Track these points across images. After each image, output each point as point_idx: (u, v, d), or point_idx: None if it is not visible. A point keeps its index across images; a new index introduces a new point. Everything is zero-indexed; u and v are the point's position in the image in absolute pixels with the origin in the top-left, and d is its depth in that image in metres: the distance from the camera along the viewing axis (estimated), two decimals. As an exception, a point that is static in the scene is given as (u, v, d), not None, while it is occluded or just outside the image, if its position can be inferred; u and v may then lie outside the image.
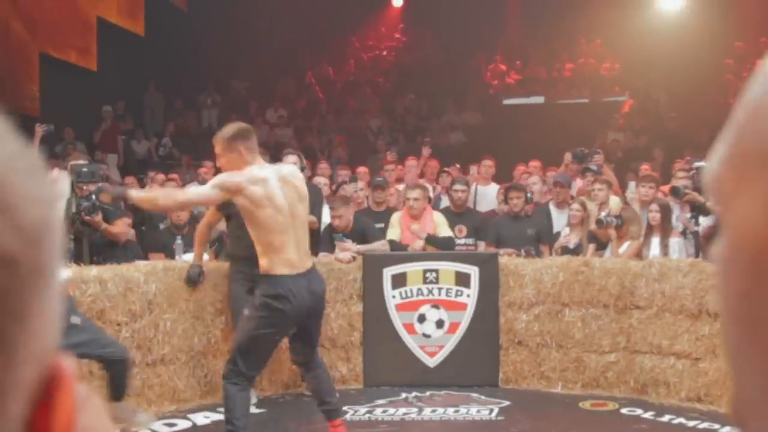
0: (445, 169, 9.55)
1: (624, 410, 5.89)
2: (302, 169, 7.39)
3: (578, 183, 8.42)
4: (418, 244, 6.94)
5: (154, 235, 7.77)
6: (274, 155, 11.61)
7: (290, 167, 4.89)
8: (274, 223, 4.33)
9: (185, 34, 14.03)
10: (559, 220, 7.72)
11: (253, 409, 6.02)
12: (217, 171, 9.30)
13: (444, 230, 7.08)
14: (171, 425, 5.61)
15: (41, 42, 11.61)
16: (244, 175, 4.33)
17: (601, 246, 6.95)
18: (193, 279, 6.06)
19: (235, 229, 5.80)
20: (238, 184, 4.31)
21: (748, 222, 0.42)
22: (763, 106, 0.42)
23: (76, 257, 6.44)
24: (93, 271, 5.67)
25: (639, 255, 6.53)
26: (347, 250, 6.78)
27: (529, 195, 7.71)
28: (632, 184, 8.18)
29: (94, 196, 6.54)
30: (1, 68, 10.81)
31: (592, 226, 7.06)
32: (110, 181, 9.39)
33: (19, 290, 0.42)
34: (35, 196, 0.45)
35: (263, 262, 4.40)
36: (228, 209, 5.64)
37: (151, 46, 13.57)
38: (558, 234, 7.49)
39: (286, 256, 4.35)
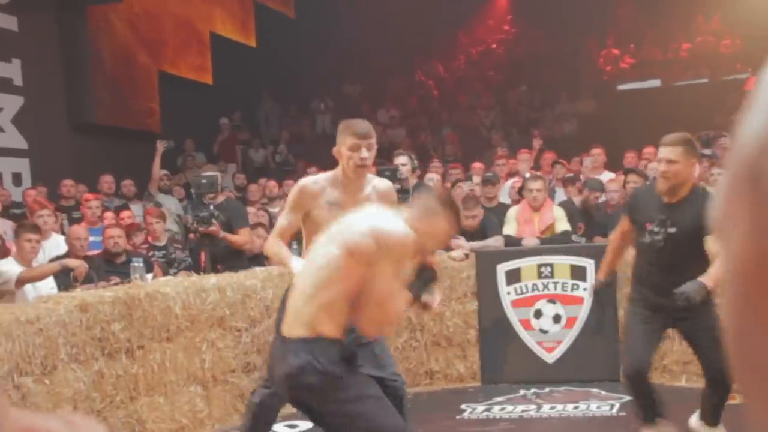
0: (560, 160, 9.38)
1: (754, 403, 5.63)
2: (413, 170, 7.43)
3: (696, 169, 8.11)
4: (533, 242, 6.83)
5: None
6: (387, 156, 11.77)
7: None
8: None
9: (295, 42, 14.32)
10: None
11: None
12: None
13: (562, 225, 6.95)
14: (293, 426, 5.75)
15: (160, 61, 12.12)
16: None
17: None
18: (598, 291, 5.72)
19: None
20: None
21: (739, 250, 0.41)
22: (749, 129, 0.41)
23: (195, 268, 6.70)
24: (212, 279, 5.87)
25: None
26: (459, 247, 6.77)
27: (647, 183, 7.49)
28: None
29: (211, 207, 6.78)
30: (126, 91, 11.35)
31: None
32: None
33: None
34: None
35: None
36: None
37: (264, 56, 13.93)
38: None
39: None
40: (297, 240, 6.70)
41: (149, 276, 6.24)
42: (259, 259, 7.15)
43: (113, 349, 5.09)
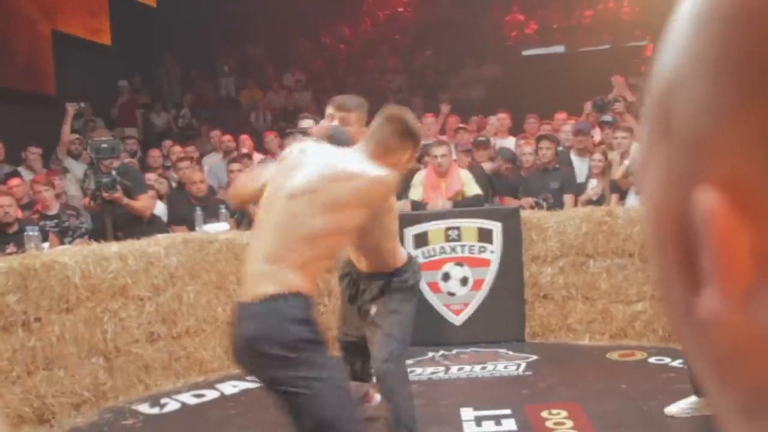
0: (461, 125, 9.42)
1: (652, 359, 5.83)
2: (319, 133, 7.36)
3: (597, 133, 8.29)
4: (440, 203, 6.86)
5: (174, 207, 7.77)
6: (293, 119, 11.63)
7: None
8: None
9: (197, 3, 13.91)
10: (581, 169, 7.62)
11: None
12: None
13: (472, 188, 6.98)
14: (199, 396, 5.65)
15: (53, 20, 11.58)
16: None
17: (623, 195, 6.84)
18: None
19: None
20: None
21: (656, 198, 0.39)
22: (660, 68, 0.39)
23: (99, 234, 6.48)
24: (113, 247, 5.67)
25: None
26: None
27: (560, 148, 7.63)
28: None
29: (114, 172, 6.56)
30: (17, 50, 10.81)
31: (615, 176, 6.94)
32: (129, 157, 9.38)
33: None
34: None
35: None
36: None
37: (164, 16, 13.47)
38: (582, 184, 7.39)
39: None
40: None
41: (45, 245, 6.00)
42: (159, 225, 6.97)
43: (8, 323, 4.87)
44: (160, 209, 7.50)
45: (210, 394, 5.68)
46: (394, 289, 4.01)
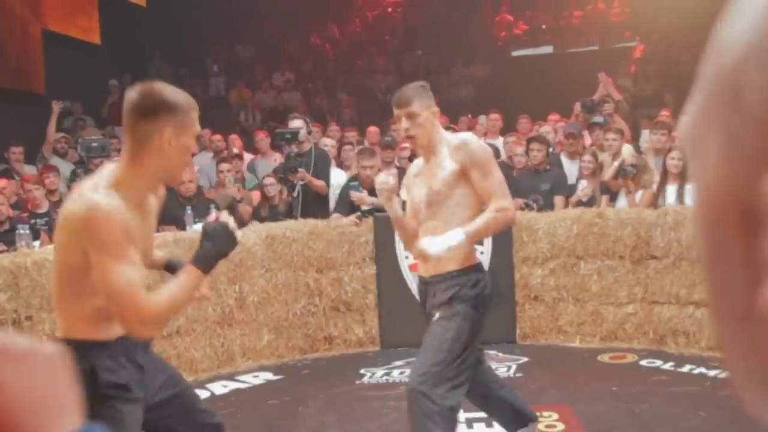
0: (451, 125, 9.42)
1: (643, 362, 5.85)
2: (309, 133, 7.36)
3: (587, 135, 8.31)
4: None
5: (163, 207, 7.73)
6: (283, 120, 11.61)
7: None
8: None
9: (187, 3, 13.87)
10: (571, 171, 7.63)
11: (271, 376, 6.05)
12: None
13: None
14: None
15: (43, 19, 11.52)
16: None
17: (613, 197, 6.87)
18: None
19: None
20: None
21: (712, 175, 0.37)
22: (728, 39, 0.37)
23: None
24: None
25: (652, 204, 6.45)
26: (362, 200, 6.75)
27: (551, 149, 7.63)
28: (645, 132, 8.05)
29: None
30: (7, 49, 10.75)
31: (605, 177, 6.97)
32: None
33: None
34: None
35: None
36: None
37: (154, 16, 13.42)
38: (572, 186, 7.40)
39: None
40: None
41: (36, 244, 5.97)
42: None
43: (-2, 321, 4.85)
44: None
45: (200, 394, 5.64)
46: (464, 297, 3.56)
